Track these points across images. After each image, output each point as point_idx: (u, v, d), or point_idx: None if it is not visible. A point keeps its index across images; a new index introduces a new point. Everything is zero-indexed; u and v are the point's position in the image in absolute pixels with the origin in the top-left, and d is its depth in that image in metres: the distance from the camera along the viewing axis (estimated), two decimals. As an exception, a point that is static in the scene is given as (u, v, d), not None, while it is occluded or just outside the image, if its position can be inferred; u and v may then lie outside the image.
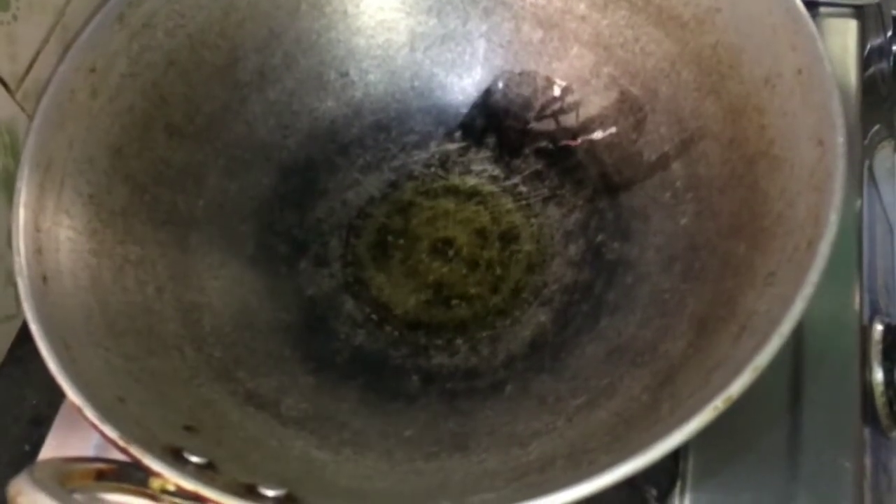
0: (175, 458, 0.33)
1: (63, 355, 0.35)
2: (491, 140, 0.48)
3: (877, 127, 0.55)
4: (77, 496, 0.30)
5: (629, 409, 0.35)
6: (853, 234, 0.46)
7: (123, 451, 0.33)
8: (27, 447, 0.45)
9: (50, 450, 0.44)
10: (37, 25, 0.45)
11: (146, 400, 0.36)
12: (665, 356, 0.37)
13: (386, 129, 0.49)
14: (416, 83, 0.49)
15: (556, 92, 0.47)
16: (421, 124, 0.49)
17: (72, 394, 0.34)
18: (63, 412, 0.45)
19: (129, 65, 0.43)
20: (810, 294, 0.31)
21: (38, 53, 0.46)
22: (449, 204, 0.47)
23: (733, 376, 0.30)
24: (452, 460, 0.37)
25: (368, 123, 0.49)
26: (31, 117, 0.44)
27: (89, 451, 0.43)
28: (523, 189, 0.47)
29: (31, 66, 0.46)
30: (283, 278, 0.45)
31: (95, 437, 0.43)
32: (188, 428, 0.36)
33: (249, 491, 0.32)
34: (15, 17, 0.44)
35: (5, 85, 0.45)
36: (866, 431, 0.41)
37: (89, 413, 0.33)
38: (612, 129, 0.45)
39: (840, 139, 0.34)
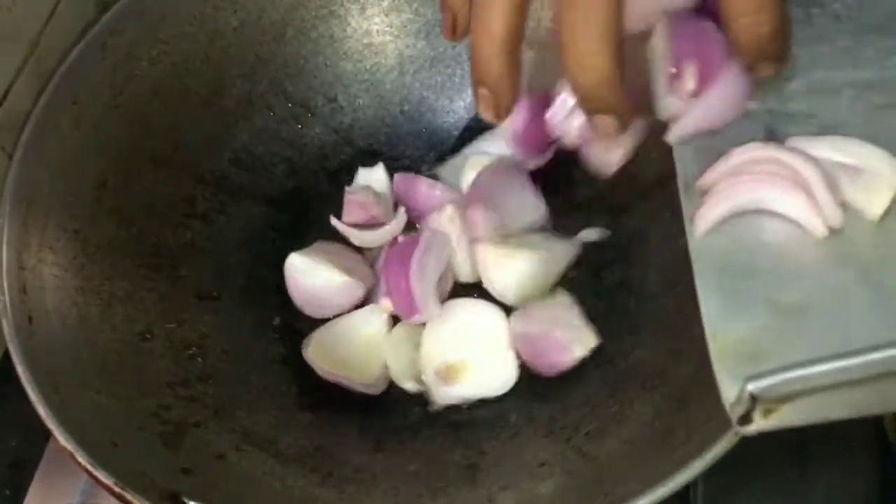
0: (173, 503, 0.32)
1: (52, 399, 0.34)
2: (484, 163, 0.47)
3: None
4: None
5: (642, 436, 0.35)
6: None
7: (119, 497, 0.32)
8: (7, 492, 0.43)
9: (35, 497, 0.42)
10: (10, 56, 0.44)
11: (140, 443, 0.35)
12: (674, 380, 0.36)
13: (376, 154, 0.48)
14: (406, 107, 0.48)
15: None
16: (412, 148, 0.48)
17: (63, 439, 0.33)
18: (48, 456, 0.43)
19: (113, 95, 0.42)
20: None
21: (11, 85, 0.45)
22: (442, 229, 0.46)
23: (751, 400, 0.29)
24: (461, 495, 0.36)
25: (358, 149, 0.48)
26: (6, 150, 0.43)
27: (76, 496, 0.41)
28: (518, 212, 0.46)
29: (4, 98, 0.44)
30: (275, 310, 0.43)
31: (82, 481, 0.41)
32: (185, 471, 0.35)
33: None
34: (-13, 48, 0.43)
35: (-22, 118, 0.43)
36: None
37: (82, 458, 0.32)
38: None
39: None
